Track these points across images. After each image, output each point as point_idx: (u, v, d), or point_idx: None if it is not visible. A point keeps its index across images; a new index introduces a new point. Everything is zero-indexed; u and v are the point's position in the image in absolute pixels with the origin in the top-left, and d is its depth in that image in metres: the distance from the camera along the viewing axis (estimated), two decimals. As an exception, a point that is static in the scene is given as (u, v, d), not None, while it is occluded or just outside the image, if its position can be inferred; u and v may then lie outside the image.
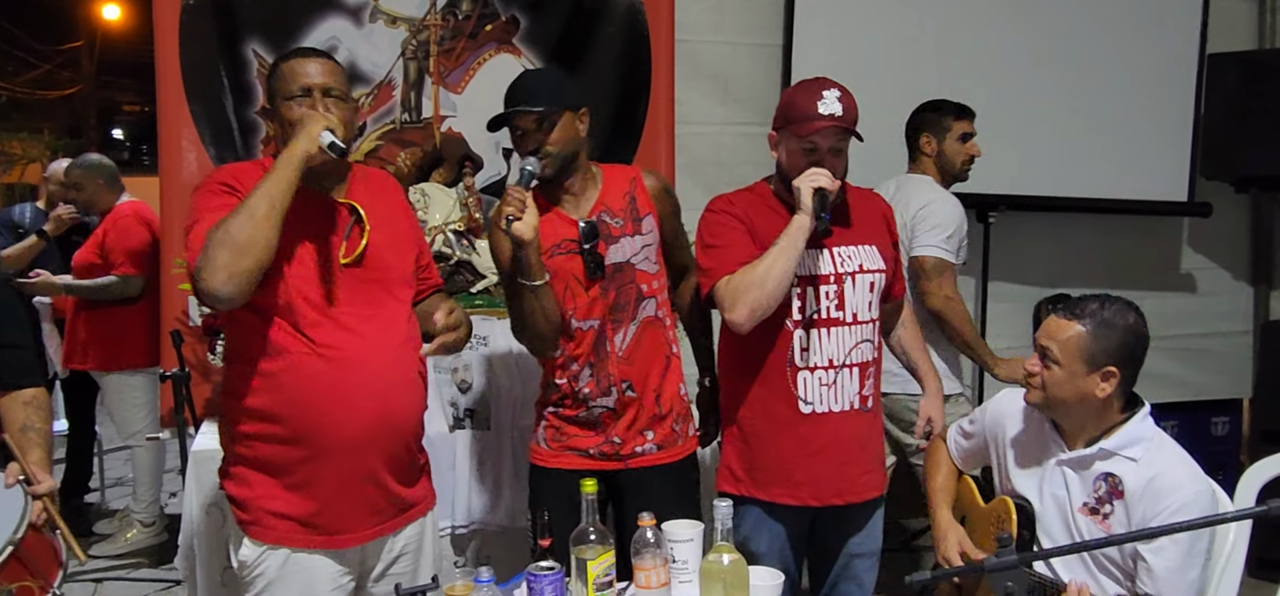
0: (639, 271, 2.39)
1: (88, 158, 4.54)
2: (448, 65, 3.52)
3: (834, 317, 2.27)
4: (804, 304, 2.27)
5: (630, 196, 2.42)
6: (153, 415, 4.41)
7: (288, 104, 2.00)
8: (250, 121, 3.37)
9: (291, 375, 1.96)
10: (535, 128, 2.30)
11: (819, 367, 2.27)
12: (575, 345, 2.36)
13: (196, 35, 3.26)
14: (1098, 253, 4.43)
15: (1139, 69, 4.23)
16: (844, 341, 2.28)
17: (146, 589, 4.09)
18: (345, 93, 2.06)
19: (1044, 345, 2.06)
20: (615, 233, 2.37)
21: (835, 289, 2.27)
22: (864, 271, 2.29)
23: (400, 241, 2.15)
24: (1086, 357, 2.01)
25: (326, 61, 2.06)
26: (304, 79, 2.00)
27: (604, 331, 2.36)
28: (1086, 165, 4.22)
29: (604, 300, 2.35)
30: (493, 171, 3.58)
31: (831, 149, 2.22)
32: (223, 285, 1.82)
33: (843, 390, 2.29)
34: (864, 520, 2.40)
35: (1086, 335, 2.01)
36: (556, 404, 2.42)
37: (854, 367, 2.29)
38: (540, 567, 1.79)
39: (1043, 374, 2.06)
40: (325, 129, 1.90)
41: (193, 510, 2.83)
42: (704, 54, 3.88)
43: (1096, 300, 2.06)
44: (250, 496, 2.03)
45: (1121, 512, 2.02)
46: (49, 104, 16.22)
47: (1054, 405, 2.08)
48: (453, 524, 3.06)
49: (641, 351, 2.39)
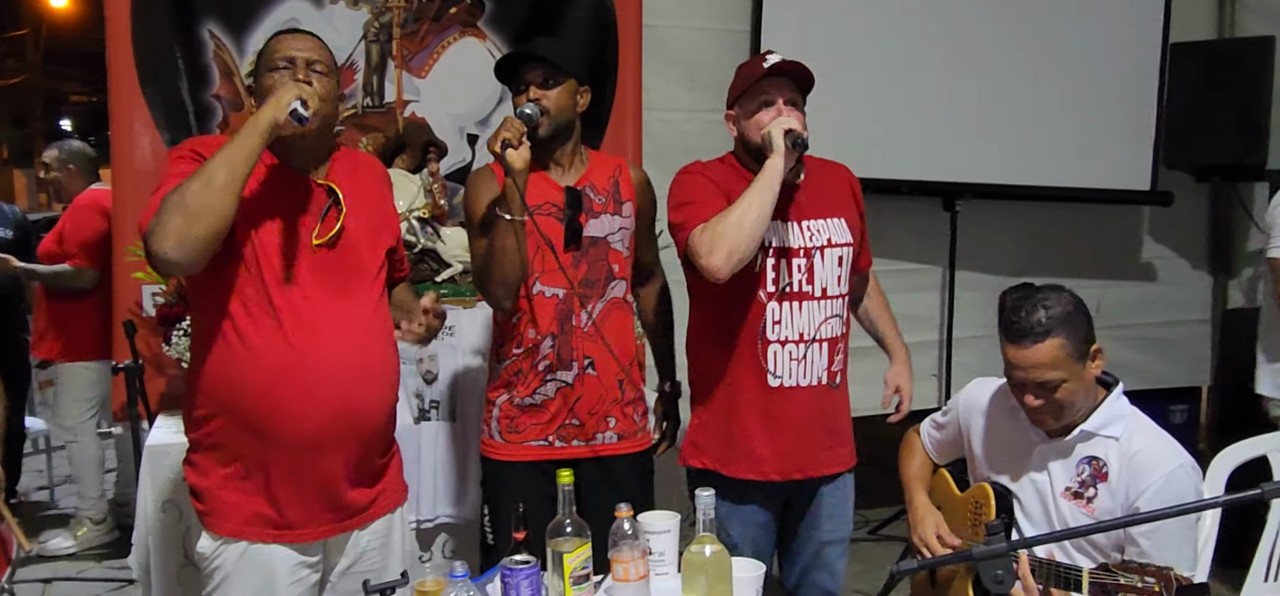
0: (613, 250, 2.38)
1: (65, 143, 4.51)
2: (411, 48, 3.44)
3: (804, 291, 2.26)
4: (777, 275, 2.24)
5: (614, 181, 2.42)
6: (95, 409, 4.31)
7: (269, 75, 1.95)
8: (206, 105, 3.26)
9: (253, 360, 1.90)
10: (540, 81, 2.31)
11: (789, 342, 2.26)
12: (540, 311, 2.32)
13: (150, 16, 3.15)
14: (1061, 241, 4.47)
15: (1102, 58, 4.26)
16: (814, 315, 2.26)
17: (97, 589, 3.97)
18: (329, 69, 2.00)
19: (1040, 379, 1.99)
20: (597, 208, 2.36)
21: (805, 262, 2.25)
22: (832, 245, 2.28)
23: (377, 228, 2.08)
24: (1076, 356, 1.99)
25: (313, 39, 2.02)
26: (287, 50, 1.96)
27: (571, 303, 2.32)
28: (1051, 154, 4.24)
29: (575, 271, 2.31)
30: (457, 158, 3.51)
31: (788, 100, 2.23)
32: (172, 250, 1.75)
33: (812, 365, 2.27)
34: (835, 502, 2.37)
35: (1066, 339, 1.98)
36: (509, 386, 2.35)
37: (823, 343, 2.28)
38: (515, 561, 1.74)
39: (1050, 400, 2.00)
40: (296, 97, 1.83)
41: (147, 506, 2.73)
42: (671, 40, 3.84)
43: (1038, 305, 2.00)
44: (207, 486, 1.96)
45: (1106, 494, 2.01)
46: (-9, 93, 15.80)
47: (1069, 414, 2.04)
48: (418, 518, 2.99)
49: (607, 329, 2.36)
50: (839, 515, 2.40)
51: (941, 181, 4.15)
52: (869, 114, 3.94)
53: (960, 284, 4.29)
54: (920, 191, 4.14)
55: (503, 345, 2.38)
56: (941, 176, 4.14)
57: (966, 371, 4.17)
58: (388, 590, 1.76)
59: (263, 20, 3.24)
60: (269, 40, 2.03)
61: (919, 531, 2.24)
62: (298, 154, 1.97)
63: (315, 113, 1.86)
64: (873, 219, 2.50)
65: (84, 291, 4.15)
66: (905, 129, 4.05)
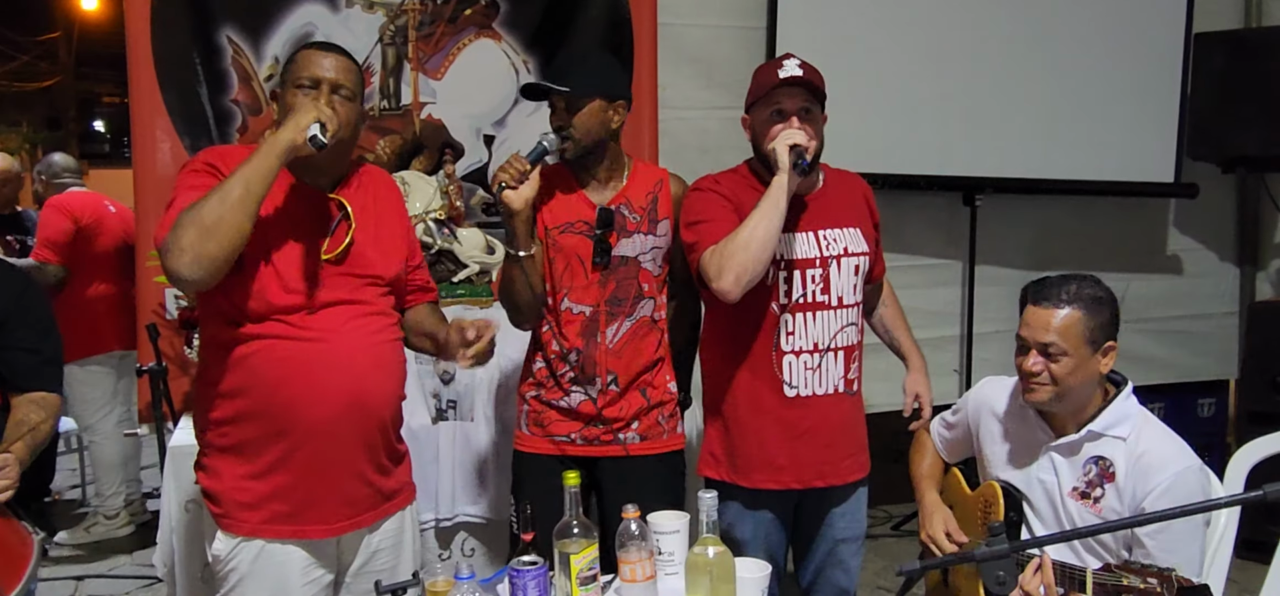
0: (643, 270, 2.38)
1: (47, 159, 4.68)
2: (427, 51, 3.46)
3: (819, 301, 2.26)
4: (790, 287, 2.25)
5: (653, 197, 2.41)
6: (108, 409, 4.40)
7: (294, 91, 1.96)
8: (225, 110, 3.31)
9: (264, 356, 1.92)
10: (563, 107, 2.30)
11: (804, 351, 2.26)
12: (566, 325, 2.34)
13: (169, 23, 3.20)
14: (1084, 235, 4.41)
15: (1125, 49, 4.21)
16: (829, 325, 2.27)
17: (127, 585, 4.04)
18: (354, 92, 2.01)
19: (1043, 340, 2.00)
20: (630, 227, 2.36)
21: (820, 272, 2.25)
22: (849, 254, 2.28)
23: (388, 244, 2.09)
24: (1089, 338, 1.99)
25: (344, 59, 2.02)
26: (316, 70, 1.96)
27: (597, 320, 2.33)
28: (1073, 147, 4.20)
29: (603, 289, 2.33)
30: (474, 159, 3.53)
31: (800, 110, 2.22)
32: (188, 267, 1.77)
33: (827, 374, 2.28)
34: (848, 504, 2.38)
35: (1084, 316, 1.99)
36: (538, 385, 2.39)
37: (839, 351, 2.28)
38: (523, 562, 1.75)
39: (1050, 368, 2.01)
40: (316, 120, 1.85)
41: (171, 507, 2.78)
42: (687, 38, 3.84)
43: (1072, 281, 2.03)
44: (221, 488, 1.98)
45: (1113, 495, 2.00)
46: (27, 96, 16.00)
47: (1061, 396, 2.03)
48: (436, 516, 3.02)
49: (631, 348, 2.37)
50: (852, 513, 2.40)
51: (961, 176, 4.11)
52: (887, 109, 3.92)
53: (980, 279, 4.25)
54: (939, 186, 4.11)
55: (534, 348, 2.43)
56: (961, 171, 4.11)
57: (987, 366, 4.16)
58: (400, 590, 1.79)
59: (280, 25, 3.28)
60: (299, 51, 2.03)
61: (928, 528, 2.23)
62: (313, 171, 1.99)
63: (334, 136, 1.89)
64: (892, 214, 2.49)
65: (54, 287, 4.22)
66: (924, 123, 4.02)
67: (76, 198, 4.39)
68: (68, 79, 16.43)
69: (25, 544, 1.89)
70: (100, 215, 4.38)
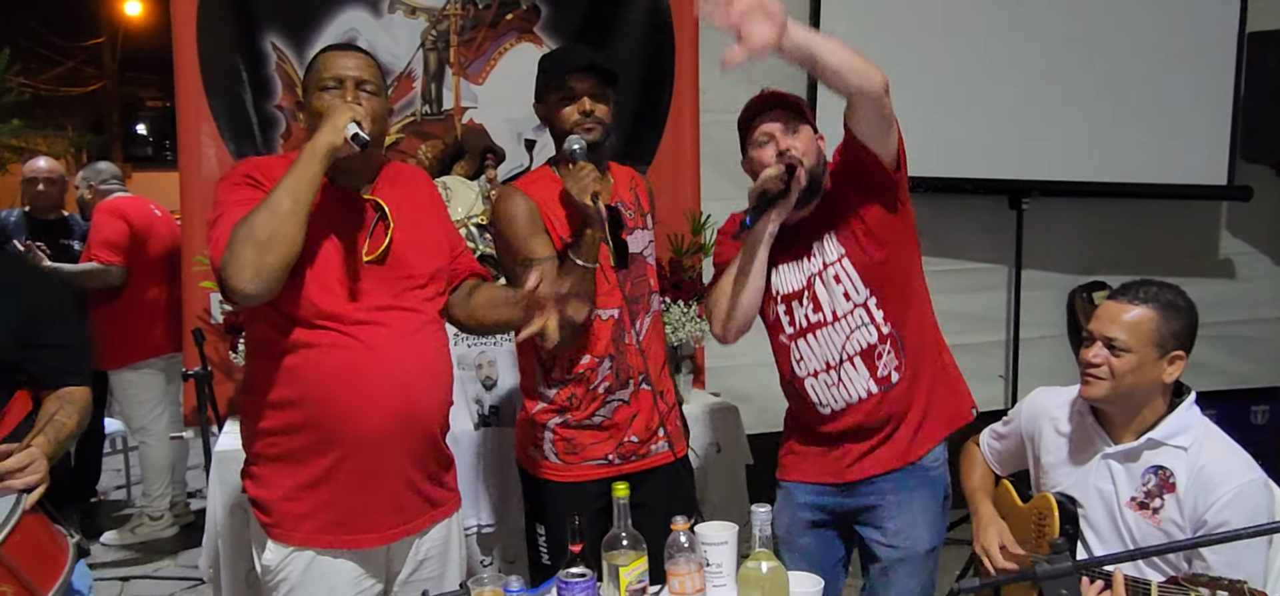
0: (648, 264, 2.38)
1: (91, 166, 4.75)
2: (468, 55, 3.46)
3: (814, 321, 2.23)
4: (791, 318, 2.25)
5: (635, 193, 2.39)
6: (159, 412, 4.45)
7: (319, 95, 1.96)
8: (269, 115, 3.32)
9: (312, 367, 1.92)
10: (592, 90, 2.24)
11: (820, 372, 2.25)
12: (596, 336, 2.29)
13: (214, 29, 3.22)
14: (1133, 238, 4.34)
15: (1176, 48, 4.12)
16: (832, 340, 2.23)
17: (172, 587, 4.08)
18: (379, 87, 2.01)
19: (1110, 334, 1.98)
20: (629, 223, 2.32)
21: (807, 294, 2.23)
22: (827, 267, 2.22)
23: (427, 240, 2.09)
24: (1157, 342, 1.96)
25: (362, 56, 2.02)
26: (338, 69, 1.96)
27: (623, 321, 2.29)
28: (1122, 149, 4.12)
29: (622, 290, 2.29)
30: (515, 163, 3.52)
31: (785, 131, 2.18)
32: (249, 282, 1.78)
33: (851, 383, 2.23)
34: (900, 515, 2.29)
35: (1157, 319, 1.96)
36: (563, 411, 2.30)
37: (855, 358, 2.22)
38: (571, 574, 1.73)
39: (1111, 362, 1.98)
40: (351, 120, 1.85)
41: (217, 511, 2.79)
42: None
43: (1152, 284, 2.01)
44: (271, 498, 1.99)
45: (1173, 506, 1.95)
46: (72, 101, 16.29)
47: (1117, 396, 2.00)
48: (479, 523, 3.01)
49: (653, 344, 2.36)
50: (909, 528, 2.28)
51: (1007, 179, 4.05)
52: (930, 110, 3.85)
53: (1027, 283, 4.19)
54: (984, 189, 4.05)
55: (550, 372, 2.30)
56: (1007, 174, 4.04)
57: (1034, 373, 4.10)
58: (447, 600, 1.78)
59: (323, 31, 3.30)
60: (316, 57, 2.03)
61: (981, 539, 2.18)
62: (345, 172, 1.98)
63: (373, 134, 1.88)
64: (936, 218, 2.46)
65: (115, 291, 4.29)
66: (968, 125, 3.96)
67: (127, 202, 4.45)
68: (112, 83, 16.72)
69: (61, 547, 1.87)
70: (150, 219, 4.44)
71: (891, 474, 2.27)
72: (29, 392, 2.05)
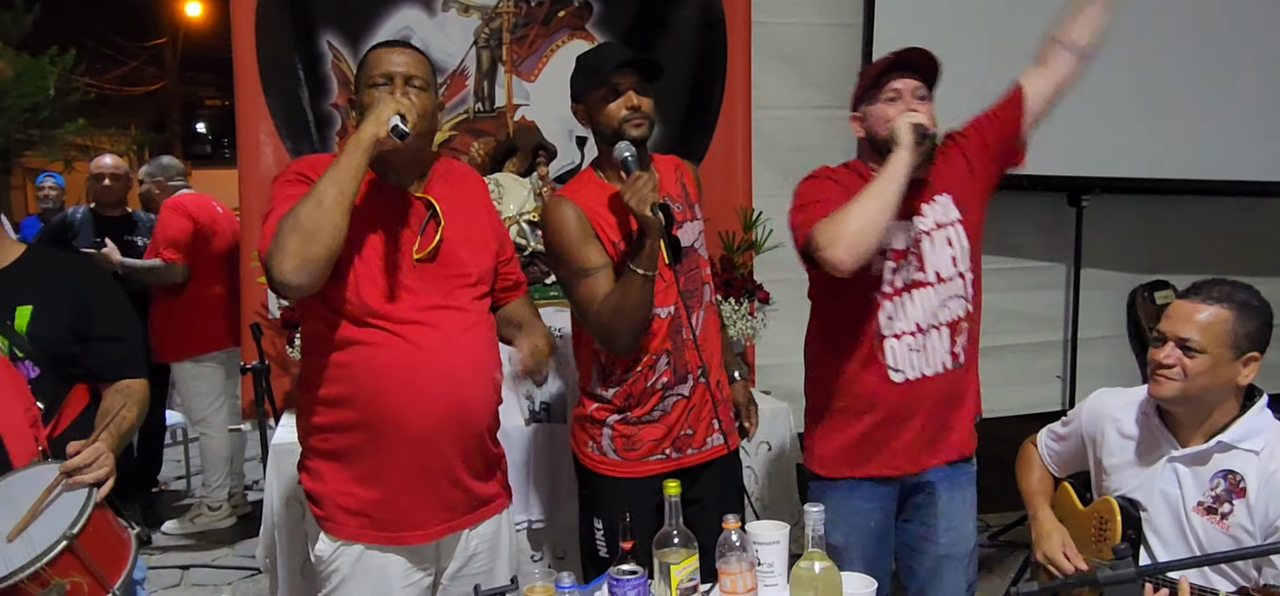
0: (699, 256, 2.35)
1: (156, 160, 4.87)
2: (521, 53, 3.48)
3: (915, 280, 2.20)
4: (897, 274, 2.20)
5: (681, 184, 2.36)
6: (219, 404, 4.54)
7: (369, 91, 1.98)
8: (325, 114, 3.37)
9: (363, 365, 1.94)
10: (637, 84, 2.22)
11: (906, 333, 2.20)
12: (651, 335, 2.27)
13: (272, 28, 3.27)
14: (1198, 236, 4.23)
15: (1244, 39, 3.99)
16: (928, 302, 2.20)
17: (230, 576, 4.16)
18: (428, 83, 2.02)
19: (1183, 334, 1.93)
20: (679, 217, 2.29)
21: (913, 252, 2.20)
22: (940, 227, 2.21)
23: (477, 239, 2.10)
24: (1232, 343, 1.91)
25: (413, 52, 2.03)
26: (387, 66, 1.98)
27: (680, 317, 2.28)
28: (1187, 144, 4.01)
29: (677, 285, 2.27)
30: (566, 160, 3.53)
31: (915, 94, 2.16)
32: (292, 273, 1.80)
33: (933, 352, 2.21)
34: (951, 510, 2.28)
35: (1234, 319, 1.91)
36: (623, 409, 2.29)
37: (943, 327, 2.21)
38: (622, 571, 1.73)
39: (1184, 363, 1.93)
40: (395, 113, 1.86)
41: (273, 502, 2.84)
42: (781, 36, 3.78)
43: (1226, 283, 1.96)
44: (324, 491, 2.01)
45: (1243, 511, 1.89)
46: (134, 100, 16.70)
47: (1188, 397, 1.95)
48: (529, 518, 3.03)
49: (709, 337, 2.34)
50: (959, 526, 2.30)
51: (1066, 175, 3.96)
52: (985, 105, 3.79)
53: (1086, 282, 4.10)
54: (1043, 186, 3.96)
55: (609, 373, 2.28)
56: (1066, 170, 3.95)
57: (1093, 373, 4.01)
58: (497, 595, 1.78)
59: (378, 29, 3.33)
60: (367, 54, 2.05)
61: (1044, 548, 2.14)
62: (395, 169, 2.00)
63: (414, 127, 1.89)
64: (992, 216, 2.40)
65: (178, 286, 4.38)
66: (1026, 121, 3.88)
67: (191, 199, 4.53)
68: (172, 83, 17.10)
69: (124, 539, 1.92)
70: (213, 216, 4.53)
71: (947, 466, 2.27)
72: (87, 385, 2.09)
